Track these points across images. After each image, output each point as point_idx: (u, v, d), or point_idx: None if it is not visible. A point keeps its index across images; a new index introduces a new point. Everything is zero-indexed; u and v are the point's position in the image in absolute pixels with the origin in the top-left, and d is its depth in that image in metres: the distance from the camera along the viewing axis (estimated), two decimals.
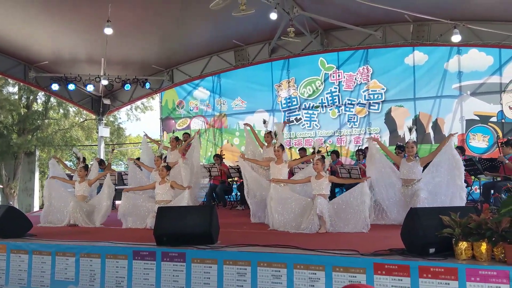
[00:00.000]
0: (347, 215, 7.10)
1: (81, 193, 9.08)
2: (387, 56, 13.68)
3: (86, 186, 9.14)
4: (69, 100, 17.73)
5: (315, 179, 7.33)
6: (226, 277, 4.99)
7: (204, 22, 13.17)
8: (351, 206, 7.08)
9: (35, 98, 26.44)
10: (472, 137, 12.55)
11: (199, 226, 5.55)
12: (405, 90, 13.44)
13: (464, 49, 12.68)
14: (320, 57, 14.54)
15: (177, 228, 5.55)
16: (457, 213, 4.41)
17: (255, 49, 15.04)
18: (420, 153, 12.40)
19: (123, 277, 5.45)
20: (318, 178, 7.31)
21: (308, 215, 7.05)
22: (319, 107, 14.58)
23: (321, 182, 7.24)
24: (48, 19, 12.42)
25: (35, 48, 14.26)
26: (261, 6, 10.80)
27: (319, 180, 7.28)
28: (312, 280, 4.63)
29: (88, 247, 5.79)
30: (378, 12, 11.64)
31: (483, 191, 9.12)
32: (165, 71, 16.42)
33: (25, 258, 6.04)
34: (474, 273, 4.05)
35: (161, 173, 8.32)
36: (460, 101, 12.75)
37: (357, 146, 13.53)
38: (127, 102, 18.48)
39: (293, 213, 7.35)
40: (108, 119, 25.42)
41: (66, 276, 5.74)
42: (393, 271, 4.33)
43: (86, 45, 14.13)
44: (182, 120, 16.91)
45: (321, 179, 7.27)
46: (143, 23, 12.93)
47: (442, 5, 11.36)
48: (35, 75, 15.16)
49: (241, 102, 15.87)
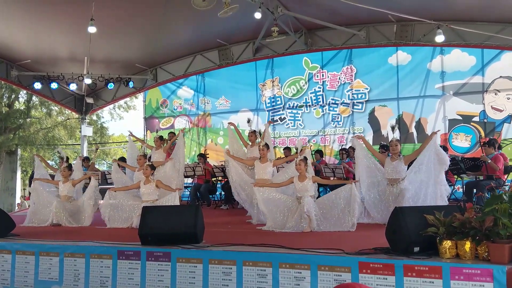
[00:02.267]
0: (333, 215, 7.12)
1: (65, 193, 8.99)
2: (370, 56, 13.75)
3: (70, 186, 9.05)
4: (52, 99, 17.50)
5: (299, 181, 7.28)
6: (212, 276, 4.99)
7: (188, 21, 13.11)
8: (338, 206, 7.09)
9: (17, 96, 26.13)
10: (454, 137, 12.68)
11: (184, 225, 5.54)
12: (389, 90, 13.53)
13: (447, 49, 12.80)
14: (304, 57, 14.57)
15: (162, 227, 5.53)
16: (441, 212, 4.45)
17: (239, 48, 15.02)
18: (403, 152, 12.49)
19: (108, 277, 5.42)
20: (302, 180, 7.26)
21: (293, 214, 7.05)
22: (303, 107, 14.62)
23: (305, 184, 7.20)
24: (30, 17, 12.25)
25: (17, 47, 14.06)
26: (245, 6, 10.79)
27: (302, 182, 7.24)
28: (298, 279, 4.64)
29: (72, 247, 5.75)
30: (362, 12, 11.69)
31: (466, 190, 9.23)
32: (149, 70, 16.32)
33: (8, 258, 5.97)
34: (458, 271, 4.09)
35: (145, 172, 8.26)
36: (443, 101, 12.87)
37: (341, 146, 13.60)
38: (111, 101, 18.31)
39: (280, 213, 7.35)
40: (91, 118, 25.13)
41: (50, 276, 5.69)
42: (378, 270, 4.36)
43: (69, 44, 13.97)
44: (166, 119, 16.82)
45: (304, 181, 7.24)
46: (126, 21, 12.82)
47: (425, 5, 11.45)
48: (17, 73, 14.94)
49: (225, 101, 15.84)
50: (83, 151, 17.84)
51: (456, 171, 9.34)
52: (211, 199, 12.17)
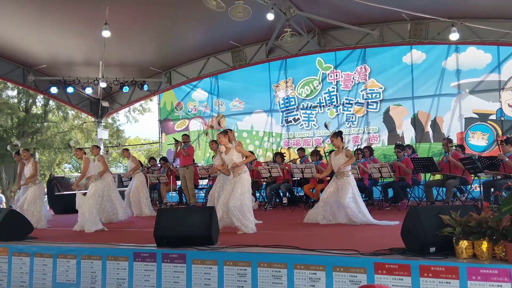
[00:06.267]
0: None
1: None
2: (384, 55, 13.68)
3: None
4: (68, 103, 17.72)
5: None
6: (227, 277, 4.99)
7: (201, 23, 13.16)
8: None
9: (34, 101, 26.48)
10: (471, 135, 12.55)
11: (199, 227, 5.56)
12: (403, 89, 13.45)
13: (462, 47, 12.68)
14: (318, 57, 14.54)
15: (177, 229, 5.55)
16: (457, 212, 4.41)
17: (253, 49, 15.02)
18: (419, 152, 12.42)
19: (124, 278, 5.45)
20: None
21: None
22: (317, 107, 14.58)
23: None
24: (46, 23, 12.42)
25: (34, 52, 14.26)
26: (258, 7, 10.80)
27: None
28: (313, 280, 4.63)
29: (89, 249, 5.80)
30: (375, 11, 11.64)
31: (483, 190, 9.12)
32: (163, 73, 16.40)
33: (27, 261, 6.04)
34: (475, 272, 4.04)
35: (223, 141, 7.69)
36: (459, 99, 12.75)
37: (355, 146, 13.53)
38: (126, 104, 18.47)
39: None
40: (107, 121, 25.41)
41: (67, 278, 5.74)
42: (394, 271, 4.33)
43: (84, 48, 14.13)
44: (181, 121, 16.91)
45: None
46: (140, 25, 12.93)
47: (439, 3, 11.35)
48: (34, 78, 15.15)
49: (239, 103, 15.87)
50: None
51: (473, 170, 9.23)
52: None
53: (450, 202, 9.33)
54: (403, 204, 10.05)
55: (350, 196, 7.60)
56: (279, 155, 12.14)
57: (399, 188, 10.17)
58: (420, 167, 9.85)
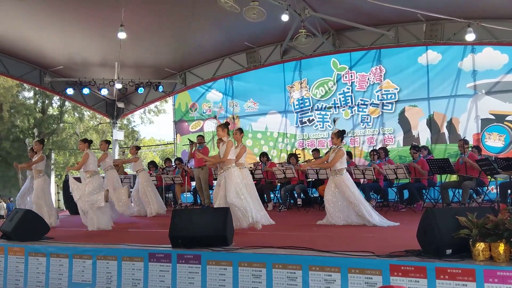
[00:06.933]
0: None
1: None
2: (400, 55, 13.60)
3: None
4: (84, 104, 17.88)
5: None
6: (241, 278, 4.99)
7: (216, 24, 13.20)
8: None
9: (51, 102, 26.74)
10: (487, 137, 12.42)
11: (214, 228, 5.57)
12: (419, 89, 13.36)
13: (478, 47, 12.57)
14: (332, 58, 14.50)
15: (192, 230, 5.57)
16: (474, 213, 4.37)
17: (267, 50, 15.03)
18: (435, 153, 12.34)
19: (139, 279, 5.48)
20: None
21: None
22: (331, 108, 14.55)
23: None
24: (62, 25, 12.53)
25: (50, 53, 14.41)
26: (272, 8, 10.80)
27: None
28: (328, 281, 4.61)
29: (105, 250, 5.84)
30: (391, 12, 11.57)
31: (500, 191, 9.02)
32: (178, 74, 16.48)
33: (43, 261, 6.10)
34: (492, 274, 4.01)
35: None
36: (475, 100, 12.63)
37: (371, 147, 13.47)
38: (141, 106, 18.59)
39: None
40: (122, 122, 25.58)
41: (83, 278, 5.79)
42: (410, 273, 4.30)
43: (100, 50, 14.25)
44: (195, 122, 16.96)
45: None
46: (155, 27, 13.00)
47: (455, 3, 11.26)
48: (50, 80, 15.31)
49: (254, 104, 15.89)
50: (115, 155, 18.09)
51: (489, 171, 9.14)
52: None
53: (466, 203, 9.25)
54: (418, 205, 9.99)
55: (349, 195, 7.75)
56: (293, 156, 12.12)
57: (414, 190, 10.10)
58: (436, 168, 9.77)
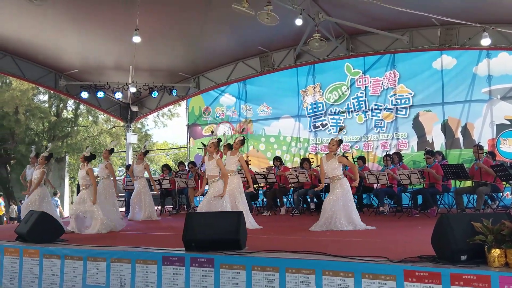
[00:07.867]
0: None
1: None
2: (414, 60, 13.56)
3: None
4: (98, 108, 18.04)
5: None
6: (255, 282, 4.99)
7: (229, 29, 13.26)
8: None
9: (65, 105, 26.96)
10: (503, 142, 12.32)
11: (228, 231, 5.57)
12: (433, 94, 13.30)
13: (494, 52, 12.49)
14: (346, 62, 14.49)
15: (205, 233, 5.58)
16: (489, 219, 4.33)
17: (281, 55, 15.05)
18: (449, 158, 12.24)
19: (153, 282, 5.49)
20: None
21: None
22: (345, 113, 14.52)
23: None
24: (78, 29, 12.65)
25: (65, 57, 14.55)
26: (286, 12, 10.82)
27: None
28: (341, 286, 4.59)
29: (119, 252, 5.86)
30: (405, 17, 11.55)
31: None
32: (192, 78, 16.55)
33: (58, 263, 6.14)
34: (507, 280, 3.96)
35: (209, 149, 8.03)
36: (490, 105, 12.55)
37: (384, 152, 13.41)
38: (155, 109, 18.69)
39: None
40: (136, 126, 25.72)
41: (97, 280, 5.81)
42: (424, 278, 4.27)
43: (114, 53, 14.36)
44: (209, 126, 17.02)
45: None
46: (169, 31, 13.09)
47: (470, 8, 11.20)
48: (65, 83, 15.46)
49: (267, 108, 15.91)
50: (128, 159, 18.21)
51: (504, 177, 9.07)
52: (253, 205, 12.20)
53: (481, 209, 9.17)
54: (432, 211, 9.91)
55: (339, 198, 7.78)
56: (306, 160, 12.10)
57: (429, 195, 10.03)
58: (450, 173, 9.71)
